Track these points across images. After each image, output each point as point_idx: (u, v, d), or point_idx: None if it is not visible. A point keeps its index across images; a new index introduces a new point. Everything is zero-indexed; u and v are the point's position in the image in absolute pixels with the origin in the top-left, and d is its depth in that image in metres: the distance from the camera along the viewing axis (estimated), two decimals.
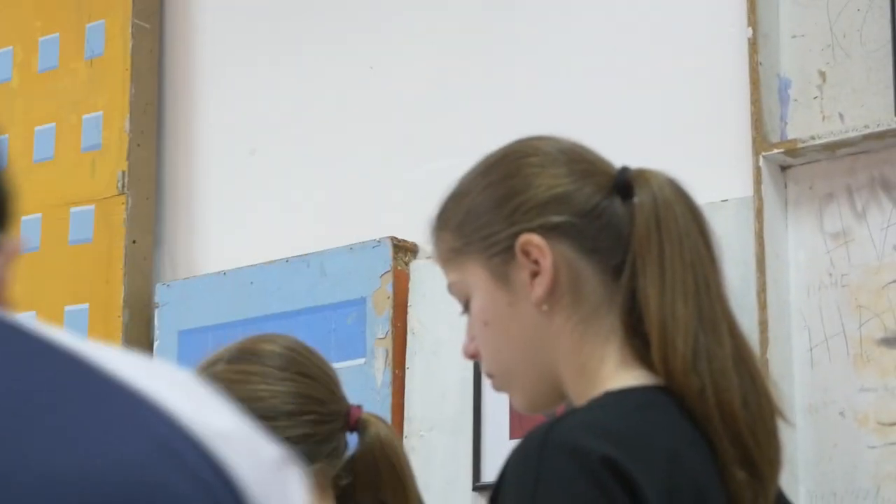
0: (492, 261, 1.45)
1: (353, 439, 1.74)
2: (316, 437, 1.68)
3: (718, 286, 1.41)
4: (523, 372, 1.46)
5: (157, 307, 3.20)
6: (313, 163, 3.14)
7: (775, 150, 2.45)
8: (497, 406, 2.71)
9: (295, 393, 1.68)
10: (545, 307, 1.41)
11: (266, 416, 1.66)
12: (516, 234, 1.43)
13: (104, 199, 3.28)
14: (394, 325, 2.85)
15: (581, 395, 1.41)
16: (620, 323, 1.41)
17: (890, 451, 2.33)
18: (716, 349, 1.37)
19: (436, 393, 2.77)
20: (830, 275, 2.44)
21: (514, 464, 1.32)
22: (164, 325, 3.19)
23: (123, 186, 3.26)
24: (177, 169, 3.34)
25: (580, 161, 1.46)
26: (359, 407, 1.73)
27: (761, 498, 1.36)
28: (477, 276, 1.46)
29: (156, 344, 3.19)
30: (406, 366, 2.82)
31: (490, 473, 2.66)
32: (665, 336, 1.36)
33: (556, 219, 1.42)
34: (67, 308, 3.26)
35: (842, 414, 2.39)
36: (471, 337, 1.50)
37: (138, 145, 3.29)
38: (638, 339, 1.40)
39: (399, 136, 3.03)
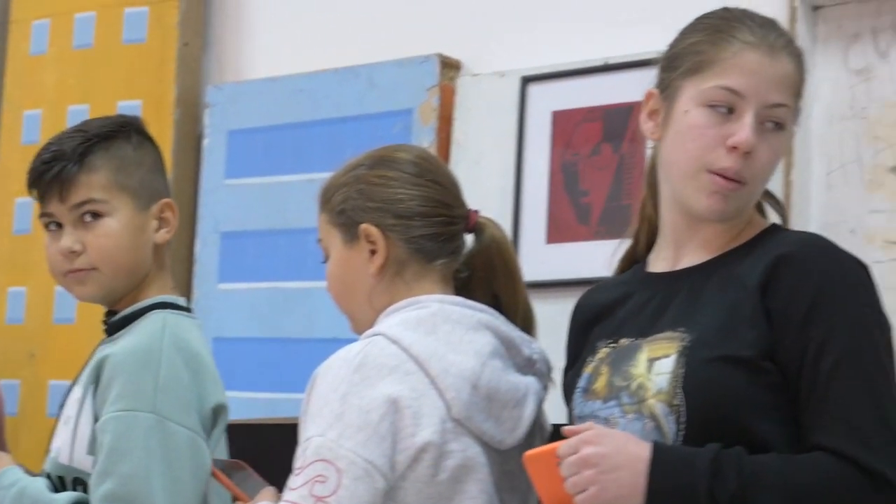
0: None
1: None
2: (443, 236, 1.94)
3: None
4: None
5: (208, 107, 3.41)
6: None
7: None
8: (535, 212, 2.97)
9: (428, 197, 1.93)
10: None
11: (403, 215, 1.91)
12: None
13: (158, 1, 3.45)
14: (439, 136, 3.08)
15: None
16: None
17: (893, 266, 2.62)
18: None
19: (478, 200, 3.00)
20: (851, 107, 2.69)
21: None
22: (214, 125, 3.40)
23: None
24: None
25: None
26: (477, 211, 1.99)
27: None
28: None
29: (205, 142, 3.41)
30: None
31: (528, 273, 2.92)
32: None
33: None
34: (120, 103, 3.46)
35: (852, 232, 2.67)
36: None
37: None
38: None
39: None
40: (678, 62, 1.82)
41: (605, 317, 1.89)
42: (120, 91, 3.46)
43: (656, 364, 1.74)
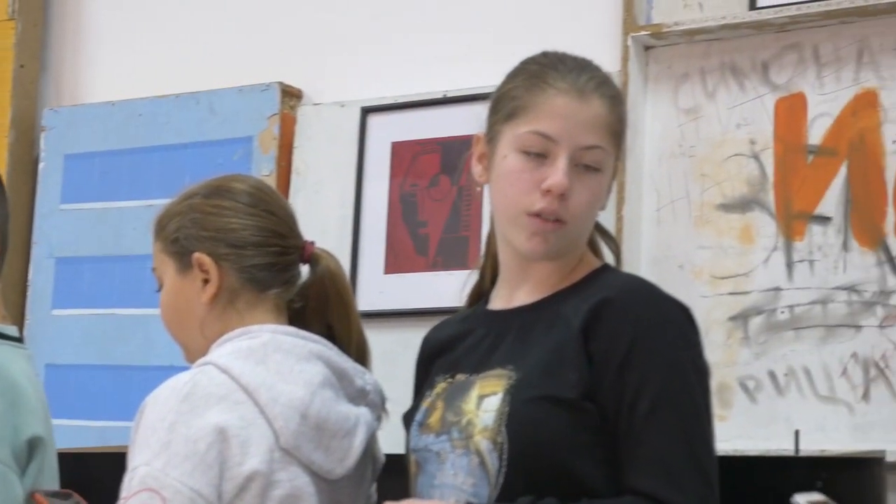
0: None
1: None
2: (277, 266, 1.94)
3: None
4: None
5: (44, 131, 3.36)
6: (206, 3, 3.31)
7: (642, 32, 2.76)
8: (373, 242, 3.00)
9: (261, 227, 1.93)
10: None
11: (236, 244, 1.91)
12: None
13: None
14: (278, 165, 3.10)
15: None
16: None
17: (719, 300, 2.70)
18: None
19: (317, 229, 3.02)
20: (680, 146, 2.78)
21: None
22: (49, 148, 3.35)
23: (13, 12, 3.38)
24: None
25: None
26: (312, 242, 2.00)
27: None
28: None
29: (41, 165, 3.36)
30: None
31: (366, 303, 2.95)
32: None
33: None
34: None
35: (681, 267, 2.75)
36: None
37: None
38: None
39: None
40: (499, 107, 1.86)
41: (446, 351, 1.92)
42: None
43: (485, 401, 1.78)
